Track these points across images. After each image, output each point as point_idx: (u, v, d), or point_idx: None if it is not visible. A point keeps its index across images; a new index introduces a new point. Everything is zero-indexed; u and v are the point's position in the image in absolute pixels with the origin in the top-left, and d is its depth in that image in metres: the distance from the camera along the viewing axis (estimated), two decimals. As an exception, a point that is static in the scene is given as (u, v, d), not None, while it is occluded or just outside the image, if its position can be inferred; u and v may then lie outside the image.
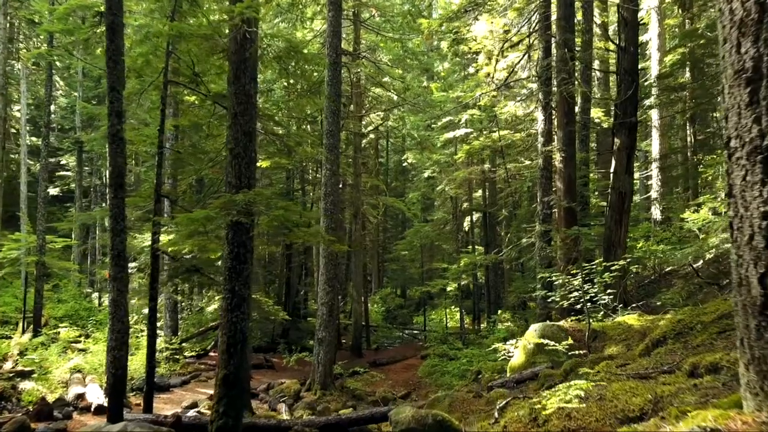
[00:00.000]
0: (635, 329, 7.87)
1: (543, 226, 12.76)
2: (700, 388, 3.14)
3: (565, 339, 8.21)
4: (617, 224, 12.05)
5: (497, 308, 25.93)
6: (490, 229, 24.92)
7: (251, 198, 6.46)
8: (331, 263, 14.21)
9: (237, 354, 6.67)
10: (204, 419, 8.04)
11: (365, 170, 28.76)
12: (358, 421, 8.09)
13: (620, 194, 12.07)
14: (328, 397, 13.85)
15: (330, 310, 14.19)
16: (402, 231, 36.71)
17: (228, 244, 6.87)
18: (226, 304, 6.80)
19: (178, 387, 14.02)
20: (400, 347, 24.41)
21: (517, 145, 20.57)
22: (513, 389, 7.48)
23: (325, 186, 14.36)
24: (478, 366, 15.67)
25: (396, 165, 41.61)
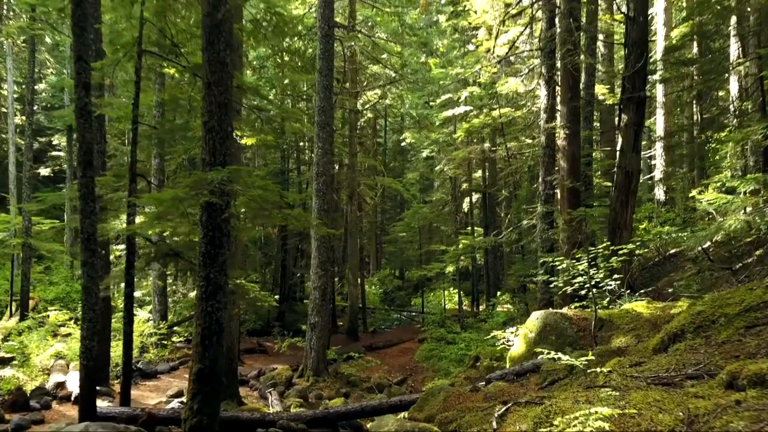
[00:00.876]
0: (644, 318, 7.31)
1: (545, 207, 12.16)
2: (746, 407, 2.58)
3: (569, 328, 7.68)
4: (623, 205, 11.44)
5: (496, 290, 25.45)
6: (489, 210, 24.33)
7: (225, 176, 5.85)
8: (324, 246, 13.65)
9: (213, 346, 6.12)
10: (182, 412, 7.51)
11: (362, 150, 28.07)
12: (348, 414, 7.58)
13: (627, 174, 11.44)
14: (321, 384, 13.40)
15: (323, 294, 13.66)
16: (401, 212, 36.13)
17: (202, 227, 6.27)
18: (200, 293, 6.23)
19: (166, 373, 13.55)
20: (398, 330, 23.98)
21: (518, 122, 19.88)
22: (513, 382, 6.95)
23: (317, 165, 13.73)
24: (476, 351, 15.19)
25: (394, 145, 40.86)
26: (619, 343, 6.73)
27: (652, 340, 5.39)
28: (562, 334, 7.61)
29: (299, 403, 11.72)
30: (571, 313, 7.93)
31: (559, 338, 7.60)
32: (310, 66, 20.33)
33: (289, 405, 11.75)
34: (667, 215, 21.56)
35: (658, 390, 3.24)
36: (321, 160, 13.64)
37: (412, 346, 19.71)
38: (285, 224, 9.15)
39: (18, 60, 27.72)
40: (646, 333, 6.74)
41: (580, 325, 7.71)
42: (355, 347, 18.94)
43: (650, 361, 4.35)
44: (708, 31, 16.76)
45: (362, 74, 23.37)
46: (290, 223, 7.05)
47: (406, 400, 7.44)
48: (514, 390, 6.45)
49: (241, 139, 9.93)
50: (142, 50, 8.57)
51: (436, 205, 28.54)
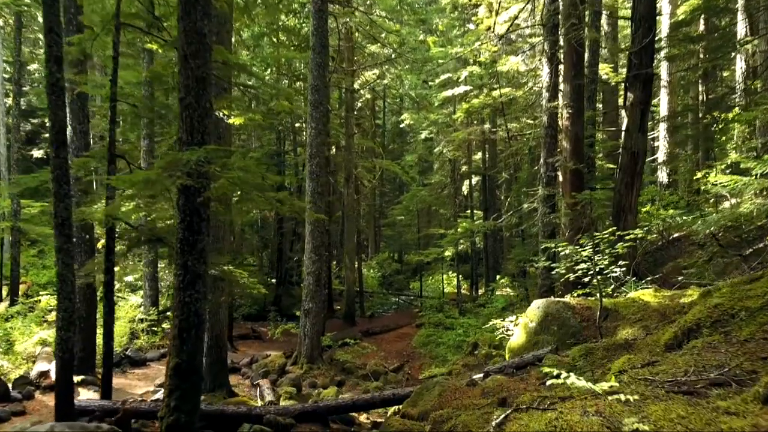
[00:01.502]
0: (652, 308, 6.90)
1: (546, 190, 11.70)
2: (794, 432, 2.19)
3: (572, 318, 7.27)
4: (628, 188, 10.99)
5: (496, 273, 25.09)
6: (489, 193, 23.86)
7: (202, 156, 5.39)
8: (318, 230, 13.21)
9: (191, 340, 5.71)
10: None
11: (360, 131, 27.50)
12: (338, 408, 7.22)
13: (632, 155, 10.97)
14: (315, 372, 13.07)
15: (317, 279, 13.26)
16: (400, 195, 35.66)
17: (179, 211, 5.82)
18: (177, 282, 5.80)
19: (156, 361, 13.20)
20: (395, 315, 23.66)
21: (519, 102, 19.32)
22: (512, 376, 6.56)
23: (311, 146, 13.24)
24: (474, 338, 14.85)
25: (393, 127, 40.25)
26: (625, 335, 6.32)
27: (664, 335, 4.97)
28: (564, 325, 7.21)
29: (292, 392, 11.39)
30: (574, 302, 7.52)
31: (561, 329, 7.20)
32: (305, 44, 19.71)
33: (281, 394, 11.43)
34: (670, 198, 21.10)
35: (679, 400, 2.83)
36: (314, 141, 13.15)
37: (410, 331, 19.39)
38: (270, 209, 8.69)
39: (9, 39, 27.05)
40: (655, 324, 6.33)
41: (584, 314, 7.30)
42: (352, 332, 18.61)
43: (664, 361, 3.94)
44: (716, 7, 16.14)
45: (359, 53, 22.73)
46: (276, 208, 6.60)
47: (400, 394, 7.07)
48: (514, 385, 6.06)
49: (229, 119, 9.43)
50: (121, 23, 8.05)
51: (435, 188, 28.07)
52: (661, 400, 2.90)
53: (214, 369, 10.20)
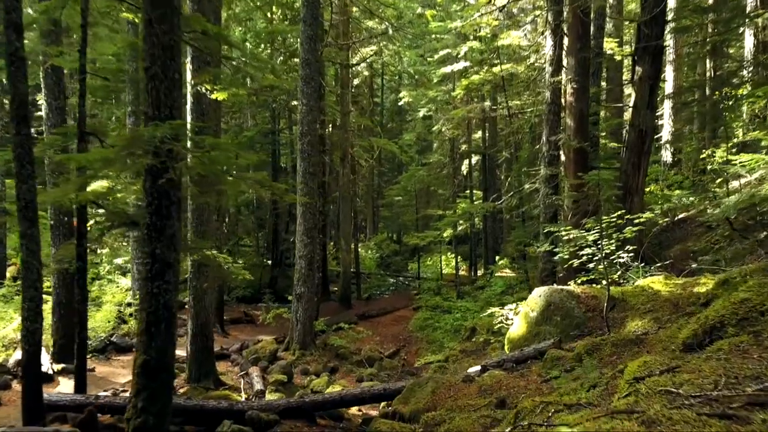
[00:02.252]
0: (663, 297, 6.40)
1: (549, 169, 11.14)
2: None
3: (576, 307, 6.77)
4: (635, 168, 10.45)
5: (495, 254, 24.62)
6: (489, 173, 23.28)
7: (167, 132, 4.83)
8: (310, 212, 12.67)
9: (160, 334, 5.21)
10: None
11: (357, 109, 26.79)
12: (326, 404, 6.76)
13: (640, 132, 10.40)
14: (308, 358, 12.64)
15: (309, 263, 12.76)
16: (399, 175, 35.01)
17: (146, 194, 5.27)
18: (145, 272, 5.28)
19: (143, 347, 12.76)
20: (392, 297, 23.25)
21: (520, 79, 18.63)
22: (512, 371, 6.09)
23: (302, 124, 12.63)
24: (472, 322, 14.41)
25: (392, 105, 39.46)
26: (635, 328, 5.83)
27: (682, 331, 4.46)
28: (568, 315, 6.71)
29: (282, 381, 10.97)
30: (579, 291, 7.02)
31: (564, 319, 6.71)
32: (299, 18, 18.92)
33: (271, 382, 11.01)
34: (674, 178, 20.54)
35: (716, 426, 2.34)
36: (306, 118, 12.54)
37: (407, 314, 18.97)
38: (245, 191, 8.15)
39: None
40: (667, 315, 5.83)
41: (589, 304, 6.80)
42: (347, 316, 18.20)
43: (686, 365, 3.44)
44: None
45: (356, 28, 21.94)
46: (253, 190, 6.06)
47: (391, 389, 6.60)
48: (514, 382, 5.59)
49: (211, 94, 8.83)
50: (89, -12, 7.41)
51: (434, 168, 27.45)
52: (690, 423, 2.40)
53: (200, 358, 9.76)
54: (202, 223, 9.64)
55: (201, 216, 9.63)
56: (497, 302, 14.59)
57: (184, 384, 9.78)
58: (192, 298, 9.73)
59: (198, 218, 9.61)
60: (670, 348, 4.64)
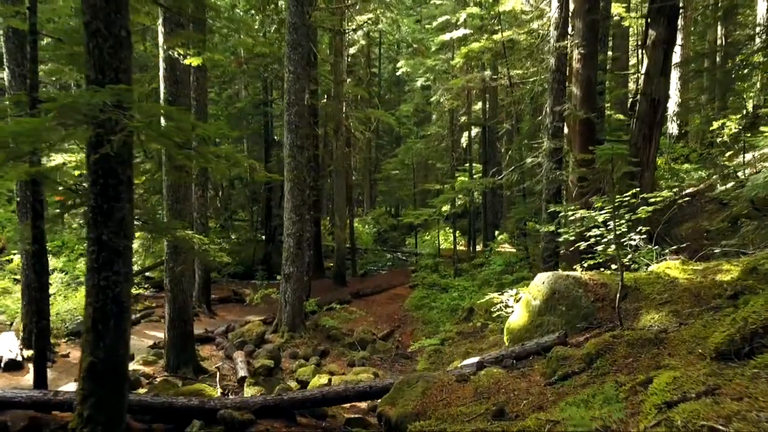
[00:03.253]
0: (682, 285, 5.73)
1: (553, 142, 10.37)
2: None
3: (583, 296, 6.10)
4: (646, 140, 9.70)
5: (494, 229, 23.97)
6: (489, 145, 22.46)
7: (108, 99, 4.08)
8: (298, 188, 11.94)
9: (109, 333, 4.55)
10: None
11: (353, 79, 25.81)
12: (305, 402, 6.15)
13: (652, 102, 9.62)
14: (297, 341, 12.06)
15: (298, 241, 12.09)
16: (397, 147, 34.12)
17: (90, 172, 4.55)
18: (90, 261, 4.59)
19: (124, 330, 12.16)
20: (389, 274, 22.65)
21: (522, 46, 17.68)
22: (512, 369, 5.45)
23: (289, 93, 11.82)
24: (470, 302, 13.81)
25: (390, 75, 38.37)
26: (651, 322, 5.17)
27: (713, 335, 3.79)
28: (574, 305, 6.05)
29: (268, 366, 10.38)
30: (586, 277, 6.34)
31: (570, 309, 6.05)
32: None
33: (257, 368, 10.44)
34: (681, 150, 19.75)
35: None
36: (293, 87, 11.72)
37: (403, 292, 18.39)
38: (206, 167, 7.42)
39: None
40: (688, 308, 5.16)
41: (598, 292, 6.13)
42: (341, 294, 17.62)
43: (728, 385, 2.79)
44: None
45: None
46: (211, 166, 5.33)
47: (378, 386, 5.98)
48: (514, 384, 4.95)
49: (185, 59, 8.03)
50: (38, -63, 6.56)
51: (432, 141, 26.56)
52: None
53: (178, 344, 9.15)
54: (178, 201, 8.92)
55: (177, 193, 8.90)
56: (496, 282, 13.99)
57: (162, 372, 9.20)
58: (168, 281, 9.07)
59: (173, 196, 8.89)
60: (696, 352, 3.99)
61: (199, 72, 13.76)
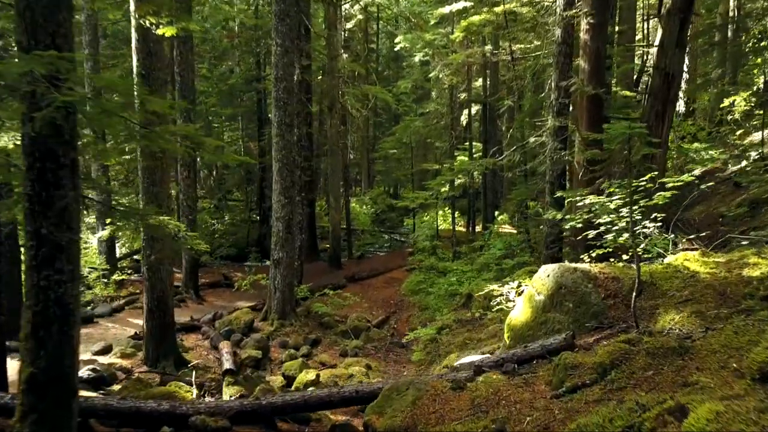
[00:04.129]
0: (704, 281, 5.13)
1: (558, 120, 9.70)
2: None
3: (593, 292, 5.51)
4: (659, 118, 9.03)
5: (494, 209, 23.38)
6: (490, 123, 21.71)
7: (38, 68, 3.42)
8: (287, 169, 11.28)
9: (52, 339, 3.96)
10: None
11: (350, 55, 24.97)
12: (285, 408, 5.59)
13: (666, 76, 8.93)
14: (287, 329, 11.53)
15: (288, 225, 11.48)
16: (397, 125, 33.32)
17: (25, 154, 3.92)
18: (29, 258, 3.98)
19: (106, 317, 11.64)
20: (386, 256, 22.10)
21: (524, 18, 16.85)
22: (513, 375, 4.87)
23: (276, 68, 11.09)
24: (468, 288, 13.26)
25: (388, 51, 37.38)
26: (670, 324, 4.58)
27: (756, 352, 3.19)
28: (583, 301, 5.46)
29: (256, 358, 9.89)
30: (596, 270, 5.74)
31: (578, 306, 5.46)
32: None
33: (243, 359, 9.93)
34: (689, 128, 19.04)
35: None
36: (281, 61, 10.99)
37: (400, 275, 17.86)
38: (154, 149, 6.74)
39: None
40: (713, 308, 4.57)
41: (609, 287, 5.53)
42: (336, 278, 17.09)
43: None
44: None
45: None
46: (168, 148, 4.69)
47: (365, 391, 5.41)
48: (516, 394, 4.38)
49: (157, 29, 7.32)
50: None
51: (431, 119, 25.81)
52: None
53: (157, 336, 8.60)
54: (154, 184, 8.28)
55: (152, 176, 8.26)
56: (496, 267, 13.43)
57: (141, 365, 8.68)
58: (146, 270, 8.48)
59: (149, 178, 8.24)
60: (730, 366, 3.40)
61: (184, 46, 13.01)
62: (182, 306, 13.05)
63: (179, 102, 10.80)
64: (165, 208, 8.41)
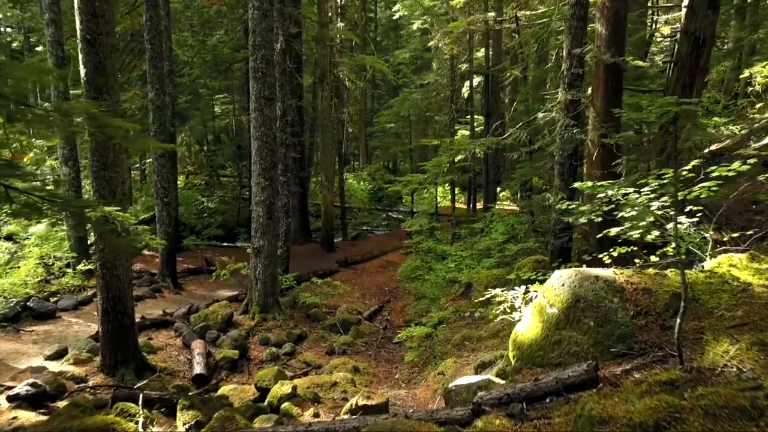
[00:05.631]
0: (761, 296, 4.09)
1: (570, 93, 8.53)
2: None
3: (620, 308, 4.46)
4: (687, 90, 7.85)
5: (496, 186, 22.29)
6: (492, 96, 20.43)
7: None
8: (267, 147, 10.16)
9: None
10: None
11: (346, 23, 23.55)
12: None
13: (696, 42, 7.73)
14: (270, 323, 10.58)
15: (269, 210, 10.41)
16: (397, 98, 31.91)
17: None
18: None
19: (71, 311, 10.66)
20: (382, 237, 21.10)
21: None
22: (521, 418, 3.85)
23: (254, 34, 9.88)
24: (468, 275, 12.25)
25: (387, 21, 35.80)
26: (724, 359, 3.54)
27: None
28: (607, 320, 4.42)
29: (232, 359, 8.98)
30: (622, 279, 4.68)
31: (601, 326, 4.42)
32: None
33: (218, 360, 9.00)
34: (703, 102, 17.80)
35: None
36: (258, 27, 9.78)
37: (396, 258, 16.89)
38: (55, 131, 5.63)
39: None
40: (779, 338, 3.52)
41: (639, 302, 4.49)
42: (328, 262, 16.11)
43: None
44: None
45: None
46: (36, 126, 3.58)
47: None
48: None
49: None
50: None
51: (431, 91, 24.47)
52: None
53: (115, 340, 7.61)
54: (105, 168, 7.19)
55: (104, 158, 7.16)
56: (498, 253, 12.39)
57: (96, 373, 7.71)
58: (100, 266, 7.45)
59: (99, 161, 7.15)
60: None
61: (153, 10, 11.77)
62: (157, 297, 12.07)
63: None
64: (119, 194, 7.34)
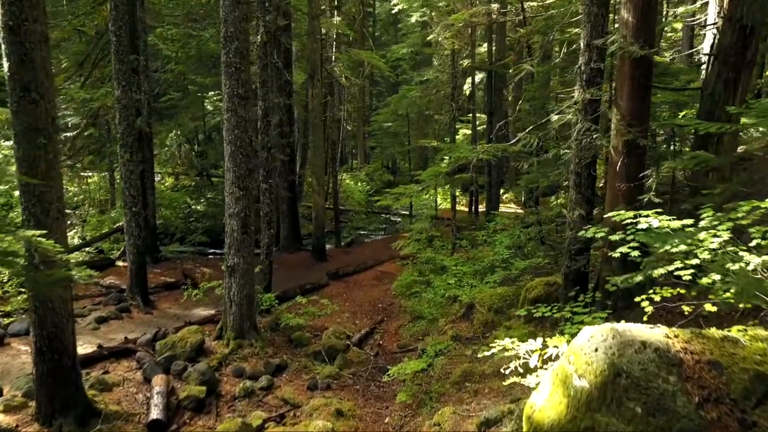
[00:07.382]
0: None
1: (589, 92, 7.31)
2: None
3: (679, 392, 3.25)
4: (730, 88, 6.66)
5: (499, 188, 21.15)
6: (495, 93, 19.22)
7: None
8: (242, 153, 8.95)
9: None
10: None
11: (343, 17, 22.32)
12: None
13: (742, 31, 6.52)
14: (246, 350, 9.39)
15: (244, 224, 9.21)
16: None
17: None
18: None
19: (22, 336, 9.43)
20: (379, 242, 19.90)
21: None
22: None
23: (225, 24, 8.67)
24: (470, 294, 11.06)
25: (387, 15, 34.55)
26: None
27: None
28: (661, 407, 3.20)
29: (197, 398, 7.81)
30: (678, 346, 3.45)
31: (653, 415, 3.21)
32: None
33: (182, 399, 7.83)
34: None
35: None
36: (230, 16, 8.57)
37: (392, 268, 15.69)
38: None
39: None
40: None
41: (704, 382, 3.27)
42: (318, 273, 14.92)
43: None
44: None
45: None
46: None
47: None
48: None
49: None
50: None
51: (430, 88, 23.23)
52: None
53: (51, 384, 6.43)
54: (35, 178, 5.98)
55: (33, 169, 5.95)
56: (502, 270, 11.18)
57: (31, 422, 6.53)
58: (32, 298, 6.26)
59: (28, 172, 5.94)
60: None
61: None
62: (124, 317, 10.88)
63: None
64: (54, 213, 6.14)
